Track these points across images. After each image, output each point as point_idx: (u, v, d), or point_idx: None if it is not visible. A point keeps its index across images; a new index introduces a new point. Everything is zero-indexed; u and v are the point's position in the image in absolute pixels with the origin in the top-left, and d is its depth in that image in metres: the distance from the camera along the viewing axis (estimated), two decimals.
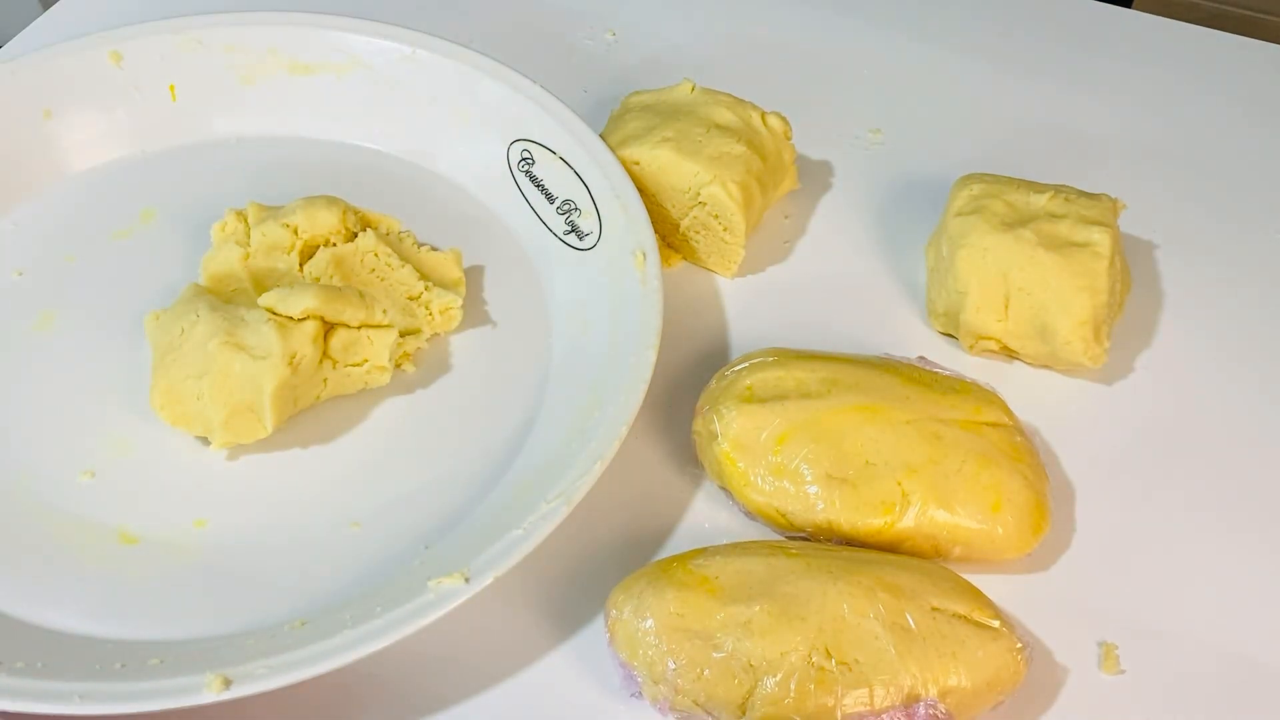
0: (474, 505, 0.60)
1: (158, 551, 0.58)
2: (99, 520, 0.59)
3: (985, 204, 0.67)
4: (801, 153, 0.75)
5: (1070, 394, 0.67)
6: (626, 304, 0.64)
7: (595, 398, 0.61)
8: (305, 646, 0.51)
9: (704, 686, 0.51)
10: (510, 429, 0.63)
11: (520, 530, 0.54)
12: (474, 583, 0.53)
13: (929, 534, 0.57)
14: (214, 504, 0.60)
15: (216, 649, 0.53)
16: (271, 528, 0.59)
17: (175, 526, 0.59)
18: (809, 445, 0.58)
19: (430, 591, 0.53)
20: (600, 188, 0.69)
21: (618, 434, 0.57)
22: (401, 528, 0.59)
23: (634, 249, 0.65)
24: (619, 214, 0.67)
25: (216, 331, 0.59)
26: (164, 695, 0.49)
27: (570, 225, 0.70)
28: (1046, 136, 0.81)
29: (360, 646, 0.51)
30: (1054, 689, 0.56)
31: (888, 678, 0.50)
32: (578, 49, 0.84)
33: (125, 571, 0.57)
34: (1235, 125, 0.83)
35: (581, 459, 0.57)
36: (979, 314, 0.65)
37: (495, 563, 0.53)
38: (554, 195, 0.71)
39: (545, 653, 0.56)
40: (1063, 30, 0.89)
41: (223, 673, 0.50)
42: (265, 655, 0.51)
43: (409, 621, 0.52)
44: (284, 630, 0.53)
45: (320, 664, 0.50)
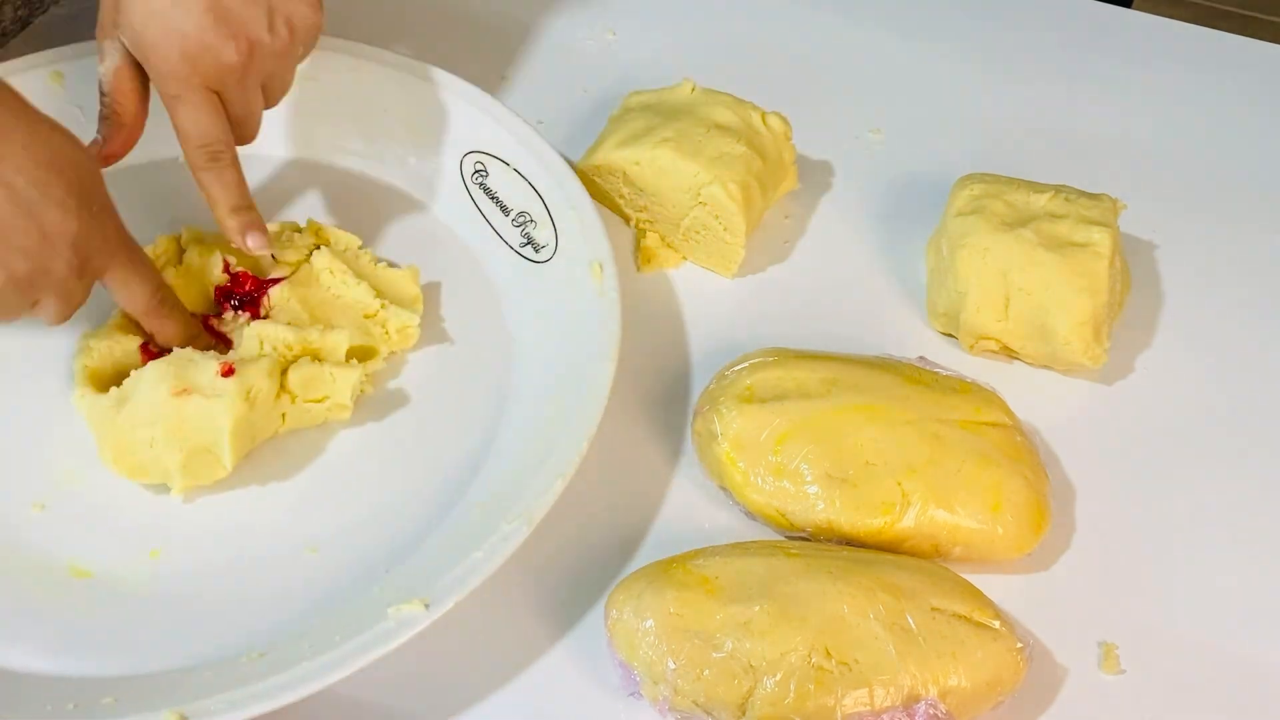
0: (434, 527, 0.58)
1: (111, 585, 0.56)
2: (49, 554, 0.57)
3: (985, 204, 0.67)
4: (801, 153, 0.75)
5: (1070, 394, 0.67)
6: (585, 316, 0.63)
7: (555, 412, 0.60)
8: (264, 680, 0.50)
9: (704, 687, 0.51)
10: (469, 447, 0.62)
11: (480, 553, 0.54)
12: (434, 609, 0.52)
13: (929, 534, 0.57)
14: (168, 534, 0.58)
15: (173, 685, 0.51)
16: (227, 556, 0.58)
17: (128, 558, 0.57)
18: (809, 445, 0.58)
19: (390, 619, 0.52)
20: (555, 199, 0.68)
21: (578, 450, 0.57)
22: (360, 552, 0.58)
23: (590, 260, 0.64)
24: (575, 226, 0.66)
25: (164, 376, 0.57)
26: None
27: (526, 238, 0.69)
28: (1046, 136, 0.81)
29: (319, 678, 0.50)
30: (1054, 689, 0.56)
31: (888, 678, 0.50)
32: (578, 49, 0.84)
33: (77, 606, 0.55)
34: (1235, 125, 0.83)
35: (541, 477, 0.56)
36: (979, 314, 0.65)
37: (456, 587, 0.52)
38: (509, 208, 0.70)
39: (545, 653, 0.56)
40: (1063, 30, 0.89)
41: (180, 710, 0.48)
42: (223, 690, 0.50)
43: (369, 650, 0.51)
44: (242, 663, 0.52)
45: (279, 697, 0.49)
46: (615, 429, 0.64)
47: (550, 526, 0.60)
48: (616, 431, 0.64)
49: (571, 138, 0.77)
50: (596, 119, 0.76)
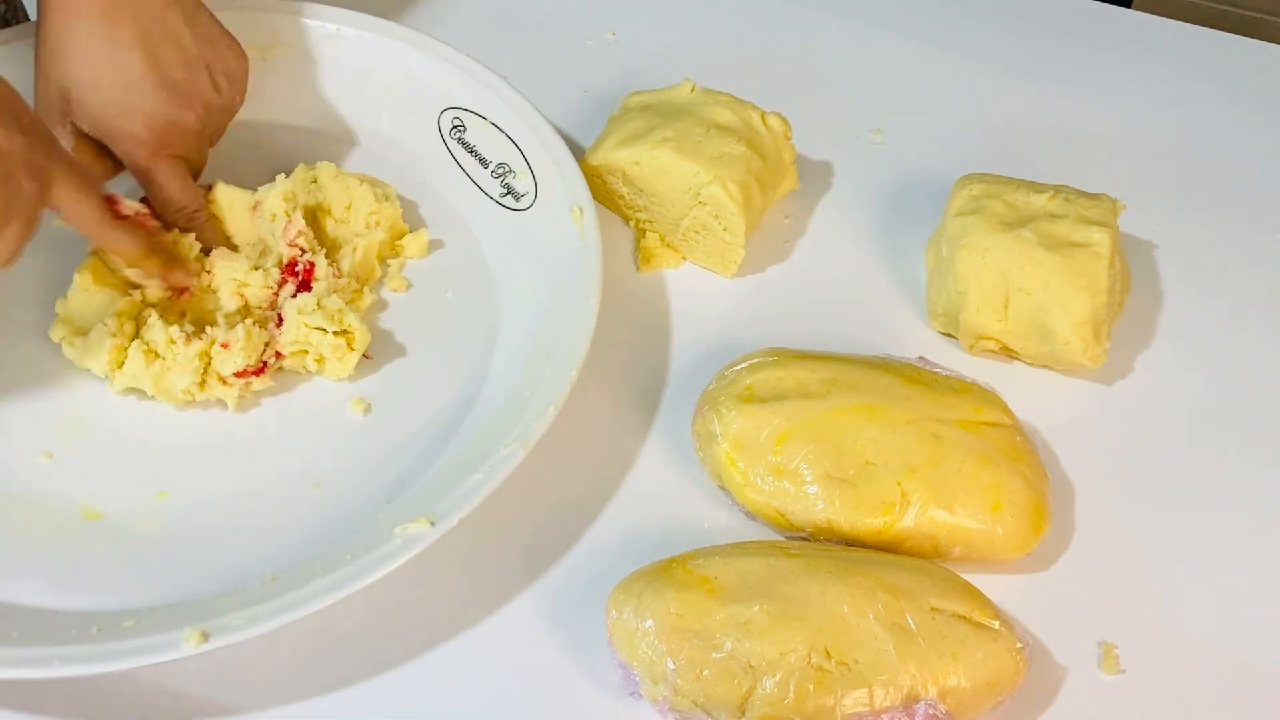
0: (430, 460, 0.61)
1: (122, 524, 0.59)
2: (61, 498, 0.59)
3: (985, 204, 0.67)
4: (801, 153, 0.75)
5: (1070, 394, 0.67)
6: (567, 258, 0.66)
7: (544, 348, 0.63)
8: (279, 597, 0.52)
9: (703, 686, 0.51)
10: (462, 387, 0.65)
11: (480, 475, 0.56)
12: (439, 525, 0.54)
13: (929, 534, 0.57)
14: (174, 476, 0.61)
15: (190, 608, 0.53)
16: (233, 494, 0.60)
17: (137, 500, 0.60)
18: (809, 445, 0.58)
19: (397, 537, 0.54)
20: (533, 149, 0.70)
21: (568, 378, 0.59)
22: (361, 486, 0.61)
23: (570, 205, 0.67)
24: (553, 173, 0.69)
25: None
26: (144, 652, 0.50)
27: (506, 188, 0.71)
28: (1046, 136, 0.81)
29: (332, 592, 0.52)
30: (1054, 689, 0.56)
31: (887, 678, 0.50)
32: (578, 49, 0.84)
33: (91, 546, 0.58)
34: (1235, 125, 0.83)
35: (534, 404, 0.59)
36: (979, 314, 0.65)
37: (458, 506, 0.55)
38: (488, 160, 0.72)
39: (545, 653, 0.56)
40: (1063, 30, 0.89)
41: (200, 627, 0.50)
42: (240, 608, 0.52)
43: (378, 567, 0.53)
44: (255, 586, 0.54)
45: (295, 611, 0.51)
46: (615, 429, 0.64)
47: (550, 526, 0.60)
48: (617, 431, 0.64)
49: (571, 138, 0.77)
50: (596, 119, 0.76)
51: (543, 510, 0.61)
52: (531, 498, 0.61)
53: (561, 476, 0.62)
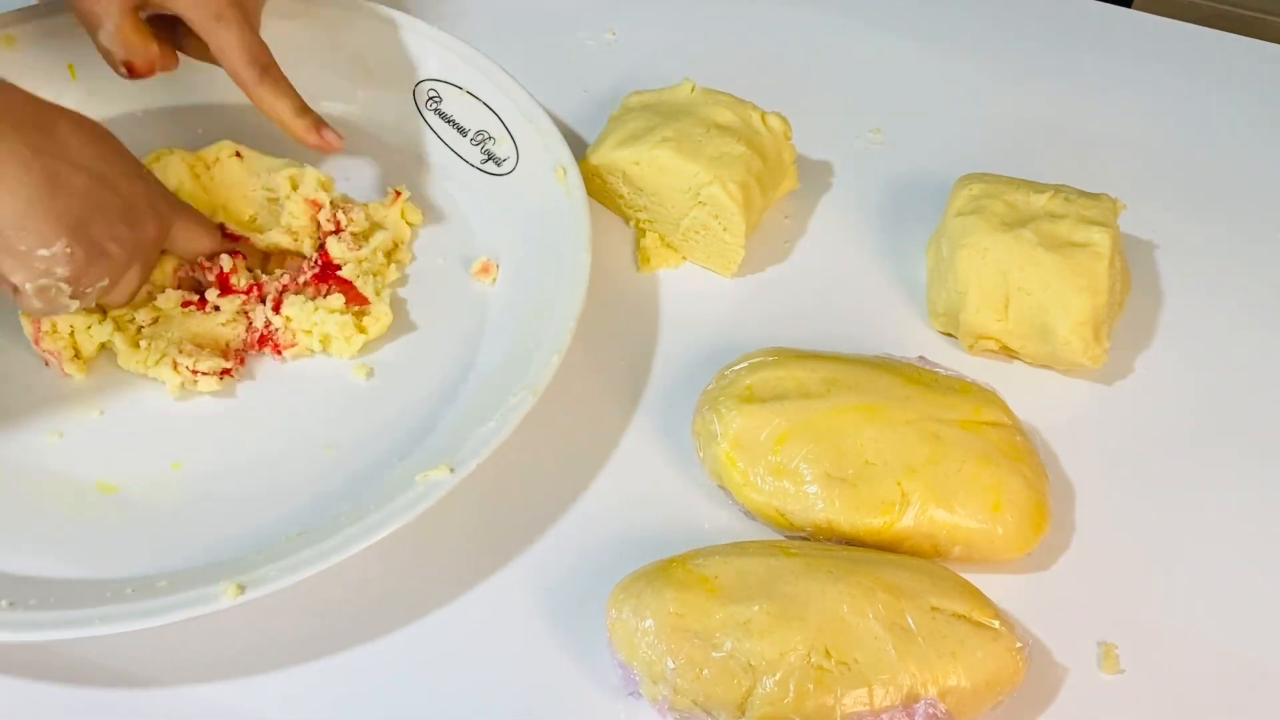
0: (438, 418, 0.62)
1: (139, 496, 0.60)
2: (75, 475, 0.60)
3: (985, 204, 0.67)
4: (801, 153, 0.75)
5: (1070, 394, 0.67)
6: (555, 216, 0.67)
7: (542, 302, 0.64)
8: (310, 547, 0.53)
9: (703, 686, 0.51)
10: (460, 349, 0.66)
11: (493, 422, 0.57)
12: (458, 471, 0.56)
13: (929, 534, 0.57)
14: (185, 446, 0.62)
15: (220, 566, 0.54)
16: (247, 461, 0.61)
17: (152, 472, 0.60)
18: (809, 445, 0.58)
19: (418, 484, 0.55)
20: (510, 114, 0.71)
21: (568, 328, 0.61)
22: (373, 445, 0.62)
23: (553, 166, 0.68)
24: (533, 136, 0.70)
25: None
26: (182, 607, 0.51)
27: (487, 154, 0.72)
28: (1046, 136, 0.81)
29: (362, 539, 0.53)
30: (1054, 689, 0.56)
31: (887, 677, 0.50)
32: (578, 49, 0.84)
33: (110, 518, 0.59)
34: (1235, 125, 0.83)
35: (539, 355, 0.60)
36: (979, 314, 0.65)
37: (476, 452, 0.56)
38: (466, 129, 0.73)
39: (545, 653, 0.56)
40: (1063, 30, 0.89)
41: (236, 580, 0.51)
42: (272, 561, 0.53)
43: (402, 513, 0.54)
44: (283, 541, 0.55)
45: (329, 559, 0.52)
46: (615, 429, 0.64)
47: (550, 526, 0.60)
48: (617, 431, 0.64)
49: (571, 138, 0.77)
50: (596, 119, 0.76)
51: (542, 510, 0.61)
52: (531, 497, 0.61)
53: (561, 476, 0.62)
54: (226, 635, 0.55)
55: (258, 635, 0.55)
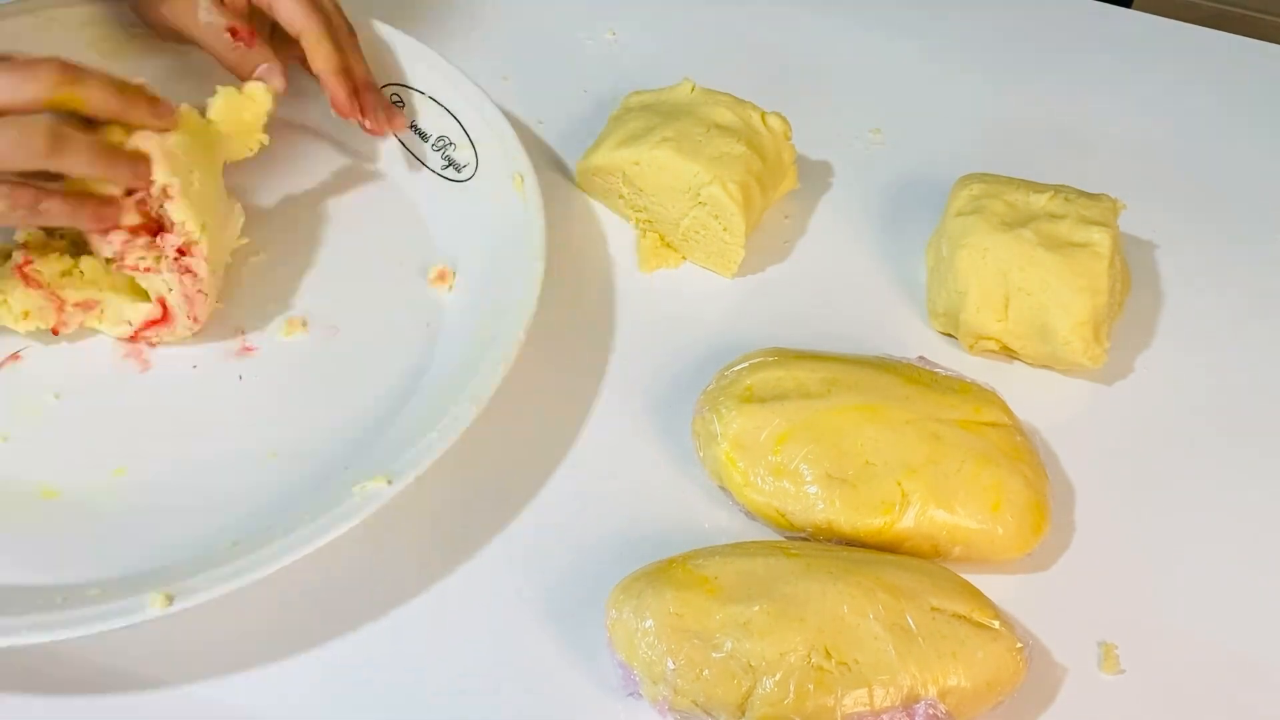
0: (385, 426, 0.62)
1: (80, 501, 0.59)
2: (18, 479, 0.59)
3: (985, 204, 0.67)
4: (801, 153, 0.75)
5: (1070, 394, 0.67)
6: (511, 225, 0.67)
7: (492, 310, 0.63)
8: (242, 558, 0.53)
9: (703, 687, 0.51)
10: (413, 357, 0.66)
11: (435, 433, 0.57)
12: (396, 483, 0.55)
13: (929, 534, 0.57)
14: (131, 453, 0.61)
15: (153, 575, 0.54)
16: (191, 469, 0.61)
17: (95, 477, 0.60)
18: (809, 445, 0.58)
19: (355, 496, 0.54)
20: (472, 121, 0.71)
21: (516, 338, 0.61)
22: (319, 453, 0.61)
23: (511, 174, 0.68)
24: (494, 143, 0.70)
25: None
26: (111, 616, 0.51)
27: (447, 160, 0.72)
28: (1046, 136, 0.81)
29: (294, 551, 0.52)
30: (1054, 689, 0.56)
31: (887, 678, 0.50)
32: (578, 49, 0.84)
33: (51, 524, 0.58)
34: (1235, 125, 0.83)
35: (485, 364, 0.60)
36: (979, 314, 0.65)
37: (415, 463, 0.56)
38: (428, 134, 0.73)
39: (545, 653, 0.56)
40: (1063, 30, 0.89)
41: (164, 590, 0.51)
42: (203, 570, 0.52)
43: (337, 524, 0.53)
44: (217, 550, 0.55)
45: (257, 571, 0.52)
46: (615, 429, 0.64)
47: (550, 526, 0.60)
48: (616, 431, 0.64)
49: (571, 138, 0.77)
50: (596, 119, 0.76)
51: (542, 510, 0.61)
52: (531, 498, 0.61)
53: (561, 476, 0.62)
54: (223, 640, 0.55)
55: (254, 637, 0.55)
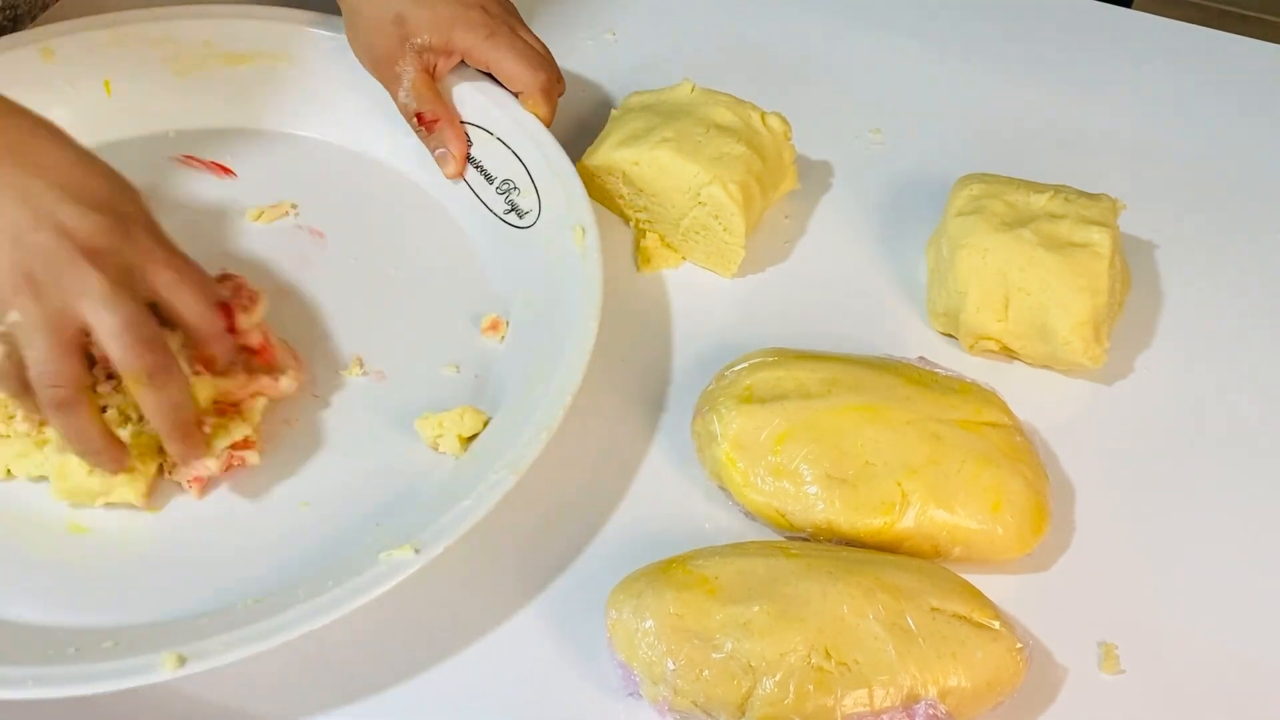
0: (422, 483, 0.61)
1: (108, 540, 0.58)
2: (47, 513, 0.59)
3: (985, 204, 0.67)
4: (801, 153, 0.75)
5: (1070, 394, 0.67)
6: (567, 279, 0.65)
7: (540, 371, 0.61)
8: (259, 621, 0.52)
9: (703, 687, 0.51)
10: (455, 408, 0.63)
11: (469, 501, 0.55)
12: (424, 553, 0.53)
13: (929, 534, 0.57)
14: (163, 490, 0.60)
15: (171, 630, 0.53)
16: (222, 511, 0.60)
17: (126, 515, 0.59)
18: (809, 445, 0.58)
19: (381, 564, 0.53)
20: (538, 166, 0.70)
21: (562, 404, 0.58)
22: (352, 507, 0.60)
23: (573, 225, 0.66)
24: (558, 191, 0.68)
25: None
26: (119, 675, 0.50)
27: (510, 204, 0.70)
28: (1046, 136, 0.81)
29: (313, 619, 0.51)
30: (1054, 689, 0.56)
31: (887, 678, 0.50)
32: (578, 49, 0.84)
33: (75, 561, 0.57)
34: (1235, 125, 0.83)
35: (528, 430, 0.58)
36: (979, 314, 0.65)
37: (445, 533, 0.54)
38: (493, 176, 0.72)
39: (545, 653, 0.56)
40: (1063, 30, 0.89)
41: (178, 651, 0.50)
42: (220, 632, 0.51)
43: (361, 593, 0.52)
44: (238, 608, 0.54)
45: (274, 638, 0.51)
46: (615, 429, 0.64)
47: (550, 526, 0.60)
48: (617, 431, 0.64)
49: (571, 138, 0.77)
50: (596, 119, 0.76)
51: (542, 511, 0.60)
52: (531, 498, 0.61)
53: (561, 477, 0.62)
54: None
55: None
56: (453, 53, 0.70)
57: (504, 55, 0.70)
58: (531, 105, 0.71)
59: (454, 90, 0.72)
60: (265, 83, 0.75)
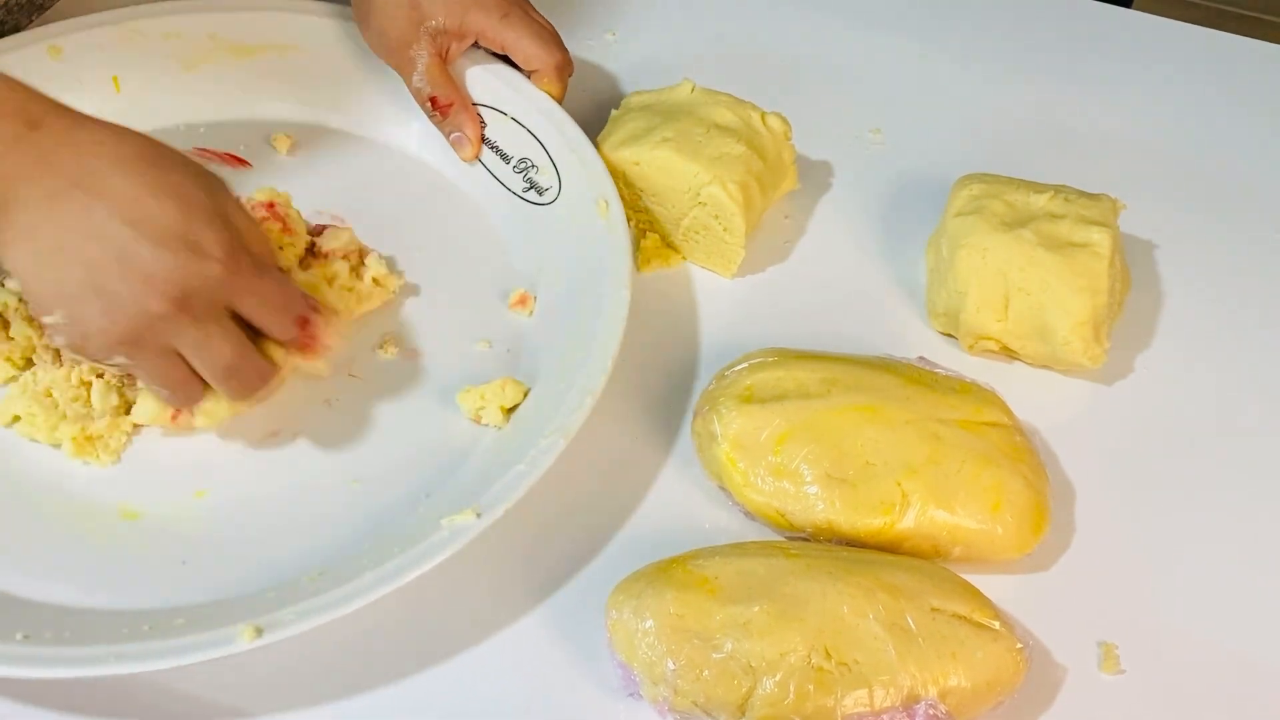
0: (468, 454, 0.61)
1: (161, 524, 0.59)
2: (98, 500, 0.59)
3: (985, 204, 0.67)
4: (801, 153, 0.75)
5: (1070, 394, 0.67)
6: (595, 250, 0.66)
7: (578, 339, 0.62)
8: (329, 591, 0.52)
9: (703, 687, 0.51)
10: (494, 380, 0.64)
11: (523, 465, 0.56)
12: (485, 517, 0.54)
13: (929, 534, 0.57)
14: (211, 475, 0.61)
15: (238, 605, 0.53)
16: (272, 492, 0.60)
17: (175, 499, 0.60)
18: (809, 445, 0.58)
19: (444, 529, 0.54)
20: (555, 144, 0.70)
21: (604, 369, 0.59)
22: (400, 481, 0.61)
23: (596, 198, 0.67)
24: (577, 167, 0.69)
25: None
26: (199, 649, 0.50)
27: (529, 183, 0.71)
28: (1046, 136, 0.81)
29: (384, 584, 0.52)
30: (1054, 689, 0.56)
31: (887, 678, 0.50)
32: (578, 49, 0.84)
33: (130, 546, 0.58)
34: (1235, 125, 0.83)
35: (572, 395, 0.59)
36: (979, 314, 0.65)
37: (503, 496, 0.55)
38: (509, 155, 0.72)
39: (545, 653, 0.56)
40: (1063, 30, 0.89)
41: (253, 622, 0.50)
42: (291, 603, 0.52)
43: (427, 558, 0.53)
44: (304, 581, 0.54)
45: (348, 604, 0.51)
46: (616, 429, 0.64)
47: (550, 527, 0.60)
48: (617, 431, 0.64)
49: None
50: (596, 119, 0.76)
51: (542, 511, 0.60)
52: (531, 498, 0.60)
53: (561, 477, 0.61)
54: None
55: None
56: (466, 35, 0.70)
57: (520, 35, 0.70)
58: (546, 84, 0.71)
59: (465, 73, 0.73)
60: (275, 73, 0.75)
